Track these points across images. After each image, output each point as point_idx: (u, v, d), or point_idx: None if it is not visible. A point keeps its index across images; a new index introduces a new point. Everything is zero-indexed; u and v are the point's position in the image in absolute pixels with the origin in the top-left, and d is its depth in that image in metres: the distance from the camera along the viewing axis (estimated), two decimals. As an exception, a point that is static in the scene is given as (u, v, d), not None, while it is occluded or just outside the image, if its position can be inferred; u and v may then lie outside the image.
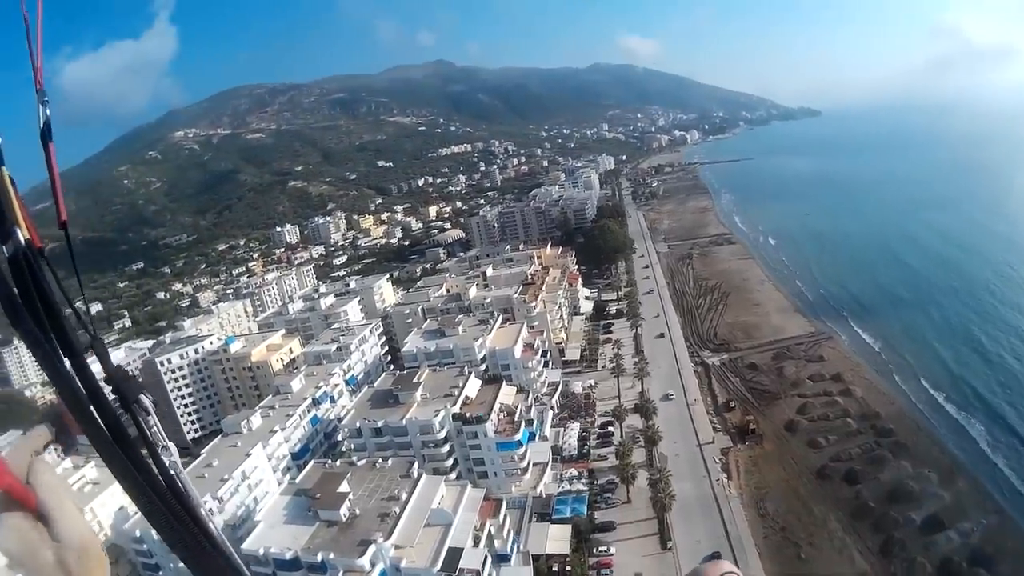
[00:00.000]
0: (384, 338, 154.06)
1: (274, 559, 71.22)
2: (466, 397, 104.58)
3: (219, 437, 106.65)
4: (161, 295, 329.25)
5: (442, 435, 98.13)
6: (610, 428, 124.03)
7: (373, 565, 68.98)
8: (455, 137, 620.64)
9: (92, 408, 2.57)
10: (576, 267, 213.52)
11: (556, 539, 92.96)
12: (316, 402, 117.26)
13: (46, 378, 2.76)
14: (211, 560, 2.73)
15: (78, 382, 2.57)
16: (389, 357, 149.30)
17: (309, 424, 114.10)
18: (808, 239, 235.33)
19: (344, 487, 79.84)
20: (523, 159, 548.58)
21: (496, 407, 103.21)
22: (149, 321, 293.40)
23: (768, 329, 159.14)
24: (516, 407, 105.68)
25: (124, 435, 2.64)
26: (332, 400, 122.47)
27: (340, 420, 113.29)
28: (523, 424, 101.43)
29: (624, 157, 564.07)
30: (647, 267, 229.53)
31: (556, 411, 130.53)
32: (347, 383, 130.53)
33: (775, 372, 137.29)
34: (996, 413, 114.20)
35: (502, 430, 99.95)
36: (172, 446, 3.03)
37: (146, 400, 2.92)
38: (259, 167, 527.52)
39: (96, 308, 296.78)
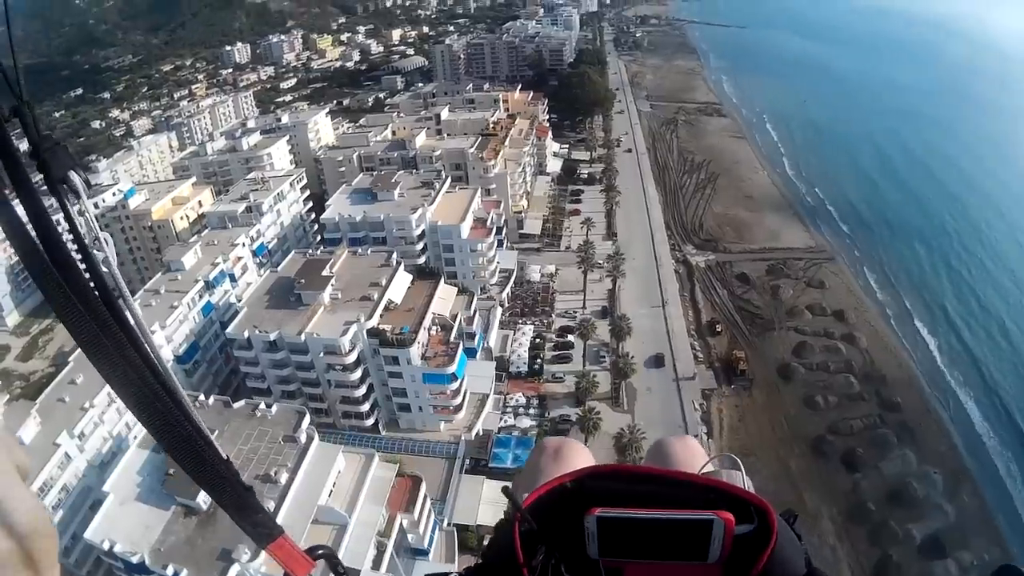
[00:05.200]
0: (309, 192, 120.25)
1: (120, 558, 51.29)
2: (389, 302, 74.81)
3: (87, 340, 75.07)
4: (97, 124, 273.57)
5: (352, 358, 69.57)
6: (569, 337, 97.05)
7: (234, 589, 43.84)
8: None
9: (8, 189, 1.98)
10: (547, 117, 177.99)
11: (491, 503, 67.30)
12: (210, 285, 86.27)
13: None
14: (133, 369, 2.00)
15: None
16: (313, 215, 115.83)
17: (200, 314, 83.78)
18: (808, 130, 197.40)
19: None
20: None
21: (428, 318, 74.30)
22: (80, 155, 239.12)
23: (762, 232, 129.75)
24: (454, 318, 77.07)
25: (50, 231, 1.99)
26: (232, 279, 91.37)
27: (241, 300, 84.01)
28: (460, 348, 72.99)
29: (608, 1, 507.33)
30: (627, 133, 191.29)
31: (506, 305, 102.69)
32: (256, 253, 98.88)
33: (769, 291, 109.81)
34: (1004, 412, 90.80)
35: (432, 355, 71.55)
36: (107, 237, 2.21)
37: (76, 178, 2.14)
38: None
39: (23, 147, 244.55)
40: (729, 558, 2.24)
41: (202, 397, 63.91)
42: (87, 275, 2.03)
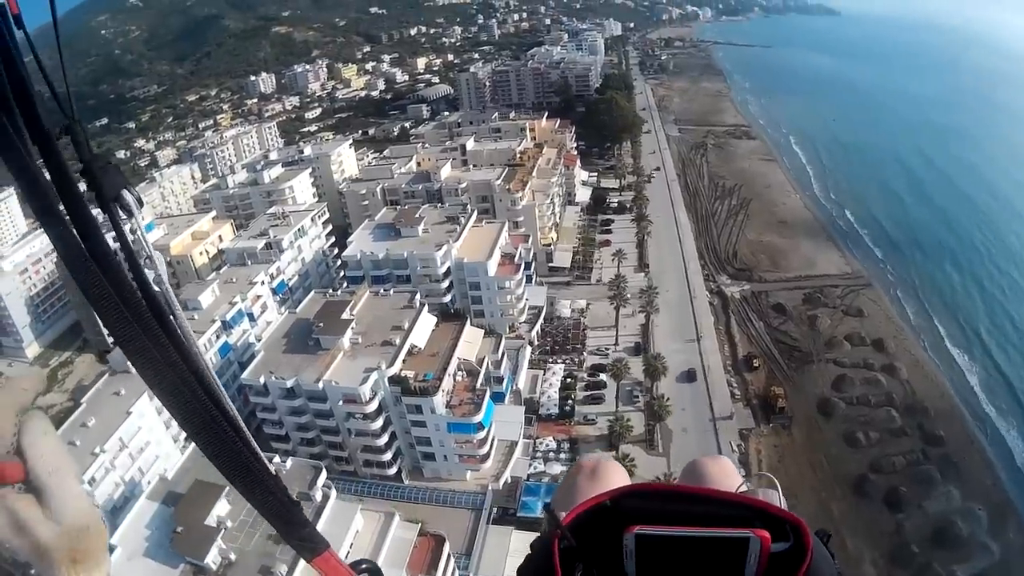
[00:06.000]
0: (332, 225, 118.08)
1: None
2: (412, 347, 72.01)
3: (103, 379, 72.77)
4: (122, 154, 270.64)
5: (372, 407, 66.72)
6: (601, 376, 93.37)
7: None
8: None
9: (59, 204, 2.03)
10: (575, 144, 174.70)
11: (519, 555, 63.77)
12: (227, 325, 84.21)
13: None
14: (189, 393, 2.06)
15: (44, 173, 2.04)
16: (336, 250, 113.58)
17: (218, 355, 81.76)
18: (838, 150, 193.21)
19: (220, 508, 50.00)
20: (525, 15, 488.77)
21: (453, 364, 71.44)
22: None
23: (797, 260, 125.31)
24: (481, 362, 74.17)
25: (102, 245, 2.07)
26: (252, 318, 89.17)
27: (260, 341, 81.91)
28: (487, 396, 69.89)
29: (632, 25, 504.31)
30: (654, 153, 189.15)
31: (535, 344, 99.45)
32: (275, 291, 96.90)
33: (807, 322, 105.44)
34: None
35: (457, 404, 68.58)
36: (158, 256, 2.26)
37: (129, 197, 2.22)
38: (244, 12, 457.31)
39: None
40: (765, 575, 2.26)
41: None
42: (139, 291, 2.07)
